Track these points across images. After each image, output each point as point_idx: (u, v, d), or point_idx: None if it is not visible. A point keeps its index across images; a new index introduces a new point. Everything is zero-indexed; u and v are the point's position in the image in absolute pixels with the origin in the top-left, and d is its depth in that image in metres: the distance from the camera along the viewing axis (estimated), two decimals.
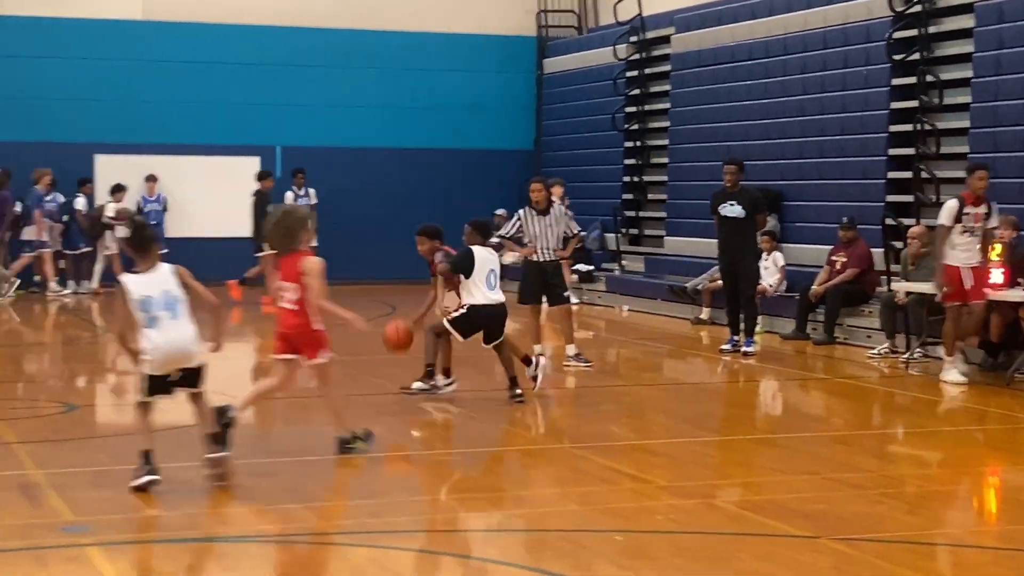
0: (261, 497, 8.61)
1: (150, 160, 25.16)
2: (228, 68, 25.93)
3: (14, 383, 14.10)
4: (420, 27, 26.90)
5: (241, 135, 25.97)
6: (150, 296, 8.54)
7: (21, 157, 24.28)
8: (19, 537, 7.57)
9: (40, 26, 24.87)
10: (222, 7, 25.84)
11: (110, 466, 9.49)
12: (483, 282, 11.84)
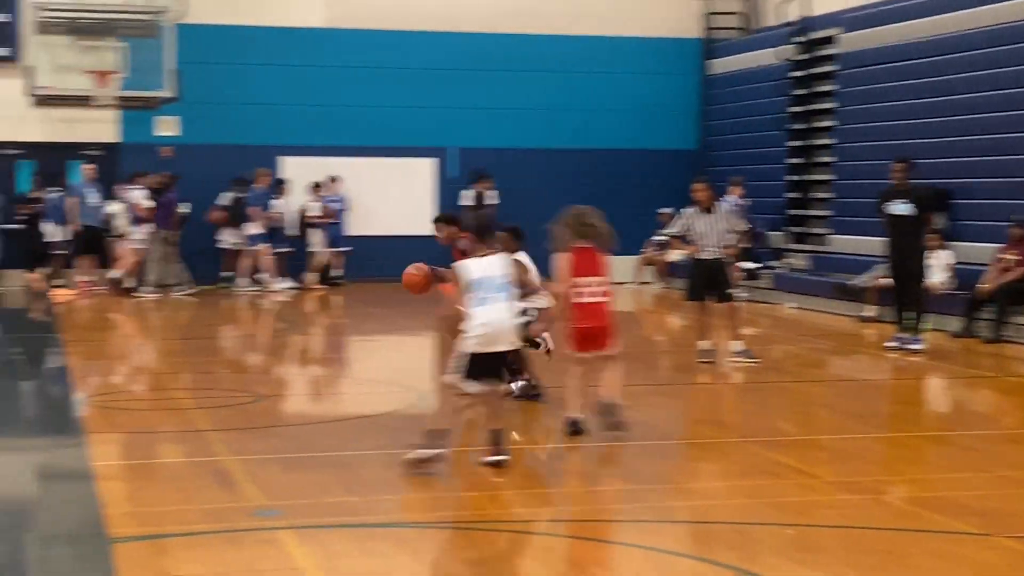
0: (441, 486, 8.75)
1: (331, 161, 25.65)
2: (405, 72, 26.25)
3: (209, 374, 14.49)
4: (588, 31, 26.94)
5: (417, 137, 26.30)
6: (485, 278, 8.95)
7: (209, 159, 25.04)
8: (214, 520, 7.79)
9: (229, 34, 25.48)
10: (400, 14, 26.15)
11: (297, 453, 9.71)
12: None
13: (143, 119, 25.13)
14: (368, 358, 16.77)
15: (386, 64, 26.14)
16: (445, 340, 9.83)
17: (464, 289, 8.98)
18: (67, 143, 25.18)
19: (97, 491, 8.50)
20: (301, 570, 6.80)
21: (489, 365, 8.95)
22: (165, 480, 9.06)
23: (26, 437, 10.83)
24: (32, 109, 24.38)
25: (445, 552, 7.36)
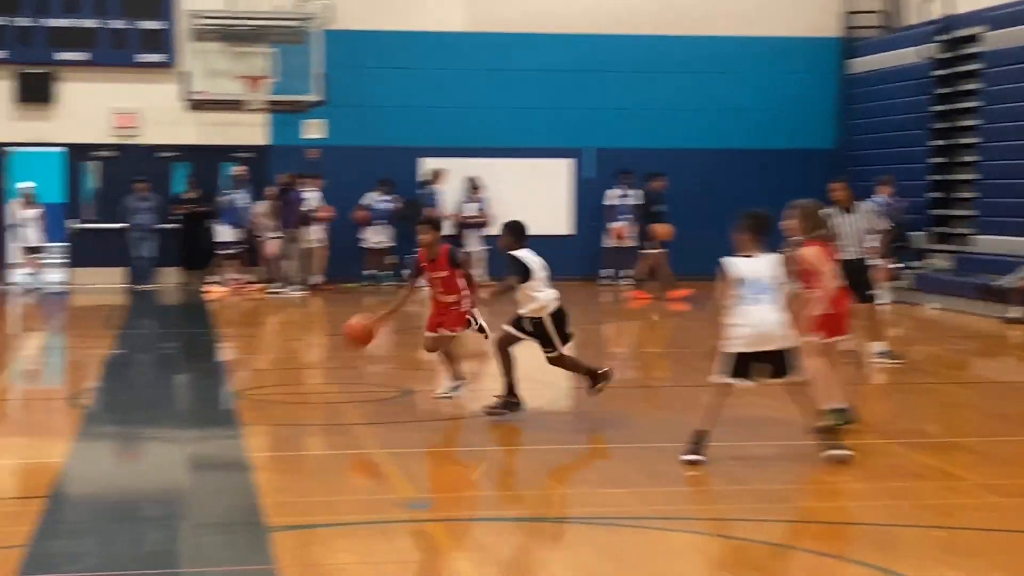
0: (588, 481, 8.78)
1: (471, 162, 25.82)
2: (543, 74, 26.31)
3: (355, 369, 14.67)
4: (726, 31, 26.71)
5: (555, 138, 26.35)
6: (757, 278, 9.02)
7: (353, 160, 25.40)
8: (366, 511, 7.90)
9: (373, 39, 25.77)
10: (538, 17, 26.22)
11: (445, 447, 9.82)
12: (544, 284, 10.82)
13: (291, 122, 25.55)
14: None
15: (524, 66, 26.23)
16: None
17: (731, 287, 8.99)
18: (219, 146, 25.72)
19: (253, 481, 8.68)
20: (451, 560, 6.87)
21: (765, 362, 8.97)
22: (317, 471, 9.20)
23: (184, 428, 11.07)
24: (187, 113, 24.92)
25: (587, 546, 7.36)
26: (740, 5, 26.83)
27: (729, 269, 9.05)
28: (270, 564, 6.76)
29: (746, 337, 8.88)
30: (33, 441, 10.31)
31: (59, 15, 24.71)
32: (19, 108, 24.88)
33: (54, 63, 24.80)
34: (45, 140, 25.19)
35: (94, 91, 24.96)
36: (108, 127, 25.22)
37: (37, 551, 7.01)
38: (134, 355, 16.01)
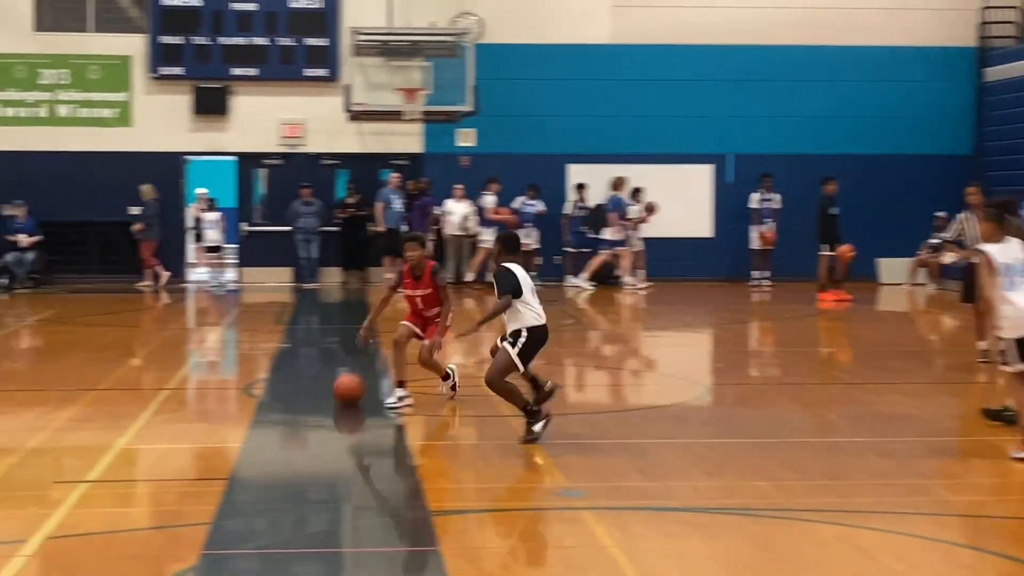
0: (734, 474, 8.68)
1: (615, 168, 25.75)
2: (685, 84, 26.15)
3: None
4: (863, 41, 26.28)
5: (696, 144, 26.18)
6: (1011, 263, 8.87)
7: (502, 167, 25.51)
8: (522, 499, 7.93)
9: (522, 52, 25.84)
10: (680, 30, 26.06)
11: (594, 439, 9.77)
12: (534, 300, 9.63)
13: (445, 131, 25.75)
14: (655, 352, 16.75)
15: (667, 76, 26.08)
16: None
17: (995, 275, 8.81)
18: (378, 154, 26.04)
19: (416, 467, 8.75)
20: (604, 548, 6.84)
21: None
22: (475, 460, 9.24)
23: (349, 418, 11.21)
24: (348, 123, 25.28)
25: (736, 537, 7.28)
26: (878, 16, 26.38)
27: (991, 257, 8.86)
28: (433, 546, 6.81)
29: (1015, 320, 8.73)
30: (212, 428, 10.53)
31: (233, 34, 25.23)
32: (196, 120, 25.46)
33: (228, 78, 25.33)
34: (219, 149, 25.75)
35: (264, 104, 25.44)
36: (276, 137, 25.68)
37: (218, 529, 7.15)
38: (301, 349, 16.27)
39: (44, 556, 6.65)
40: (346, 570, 6.74)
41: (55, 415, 10.68)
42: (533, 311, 9.51)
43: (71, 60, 25.20)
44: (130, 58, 25.29)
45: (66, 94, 25.23)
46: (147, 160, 25.21)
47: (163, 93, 25.34)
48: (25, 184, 24.56)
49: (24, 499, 8.02)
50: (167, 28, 25.10)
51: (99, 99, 25.30)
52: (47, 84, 25.17)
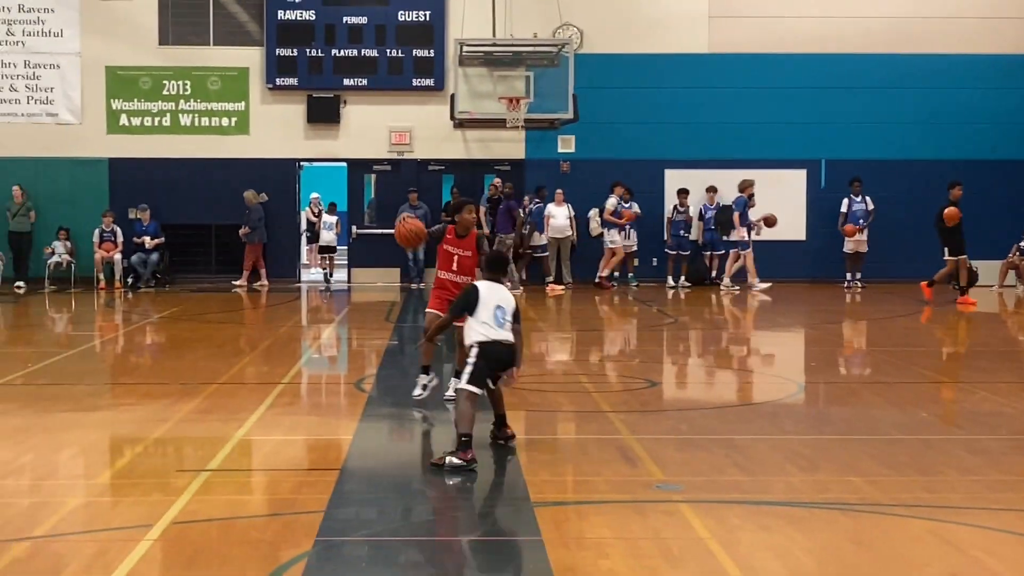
0: (827, 469, 8.56)
1: (709, 173, 25.63)
2: (779, 92, 25.93)
3: (605, 362, 14.68)
4: (953, 49, 25.88)
5: (789, 150, 25.94)
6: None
7: (600, 172, 25.49)
8: (620, 492, 7.86)
9: (621, 61, 25.80)
10: (774, 39, 25.85)
11: (690, 435, 9.70)
12: (491, 319, 8.84)
13: (546, 137, 25.77)
14: (751, 350, 16.58)
15: (761, 84, 25.89)
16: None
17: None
18: (481, 160, 26.14)
19: (518, 460, 8.74)
20: (702, 540, 6.77)
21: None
22: (574, 453, 9.21)
23: (452, 412, 11.23)
24: (453, 131, 25.41)
25: (830, 531, 7.17)
26: (968, 25, 25.93)
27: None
28: (537, 535, 6.79)
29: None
30: (325, 420, 10.62)
31: (345, 46, 25.47)
32: (310, 128, 25.75)
33: (340, 88, 25.59)
34: (331, 156, 26.02)
35: (373, 112, 25.67)
36: (385, 144, 25.90)
37: (330, 517, 7.21)
38: (408, 346, 16.35)
39: (168, 541, 6.75)
40: (451, 558, 6.75)
41: (177, 407, 10.85)
42: (485, 327, 8.79)
43: (193, 72, 25.62)
44: (248, 70, 25.65)
45: (188, 104, 25.66)
46: (263, 166, 25.57)
47: (278, 103, 25.67)
48: (149, 189, 25.05)
49: (149, 486, 8.15)
50: (282, 41, 25.42)
51: (218, 109, 25.69)
52: (170, 95, 25.62)
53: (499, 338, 8.78)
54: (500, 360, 8.82)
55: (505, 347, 8.80)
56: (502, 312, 8.84)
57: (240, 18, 25.75)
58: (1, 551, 6.53)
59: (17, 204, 24.90)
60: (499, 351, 8.79)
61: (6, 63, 25.44)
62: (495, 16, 24.29)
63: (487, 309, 8.81)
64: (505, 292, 8.99)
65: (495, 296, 8.89)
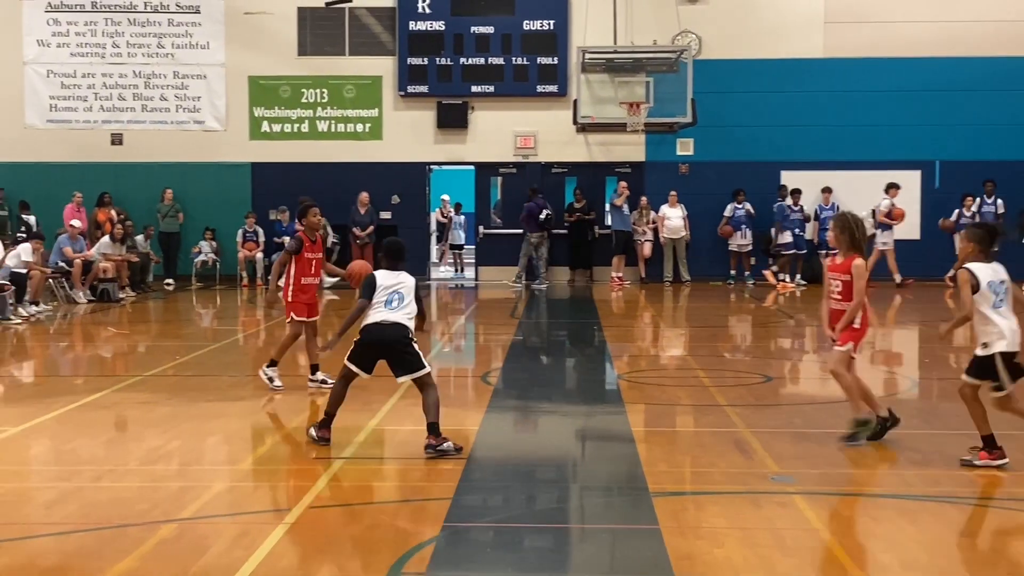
0: (936, 464, 8.38)
1: (825, 174, 25.26)
2: (893, 94, 25.45)
3: (721, 357, 14.55)
4: None
5: (904, 151, 25.44)
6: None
7: (716, 174, 25.31)
8: (736, 483, 7.80)
9: (738, 67, 25.55)
10: (888, 43, 25.37)
11: (805, 428, 9.58)
12: (385, 305, 8.77)
13: (665, 141, 25.64)
14: (865, 347, 16.26)
15: (876, 87, 25.44)
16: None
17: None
18: (603, 162, 26.11)
19: (634, 452, 8.73)
20: (815, 531, 6.70)
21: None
22: (692, 445, 9.15)
23: (574, 404, 11.28)
24: (576, 135, 25.42)
25: (941, 523, 7.03)
26: None
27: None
28: (654, 524, 6.78)
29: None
30: (452, 412, 10.66)
31: (472, 55, 25.64)
32: (439, 133, 25.97)
33: (468, 95, 25.76)
34: (460, 159, 26.21)
35: (499, 118, 25.79)
36: (511, 147, 26.00)
37: (458, 504, 7.27)
38: (531, 341, 16.41)
39: (304, 524, 6.88)
40: (573, 544, 6.77)
41: (314, 398, 11.04)
42: (374, 311, 8.73)
43: (329, 81, 26.02)
44: (381, 78, 25.96)
45: (324, 111, 26.06)
46: (395, 170, 25.85)
47: (410, 109, 25.93)
48: (288, 192, 25.47)
49: (287, 473, 8.31)
50: (413, 51, 25.68)
51: (353, 115, 26.04)
52: (308, 103, 26.05)
53: (384, 319, 8.70)
54: (382, 339, 8.69)
55: (388, 327, 8.68)
56: (399, 296, 8.79)
57: (374, 29, 26.07)
58: (150, 531, 6.72)
59: (167, 206, 25.55)
60: (380, 331, 8.68)
61: (157, 74, 26.12)
62: (616, 24, 24.24)
63: (383, 294, 8.77)
64: (404, 278, 8.90)
65: (391, 282, 8.83)
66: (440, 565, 6.17)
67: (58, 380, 13.13)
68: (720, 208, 25.26)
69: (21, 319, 18.06)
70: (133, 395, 11.35)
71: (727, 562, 6.13)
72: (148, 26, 26.10)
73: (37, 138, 26.15)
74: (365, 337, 8.76)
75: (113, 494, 7.59)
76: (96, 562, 6.17)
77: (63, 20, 26.12)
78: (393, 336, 8.67)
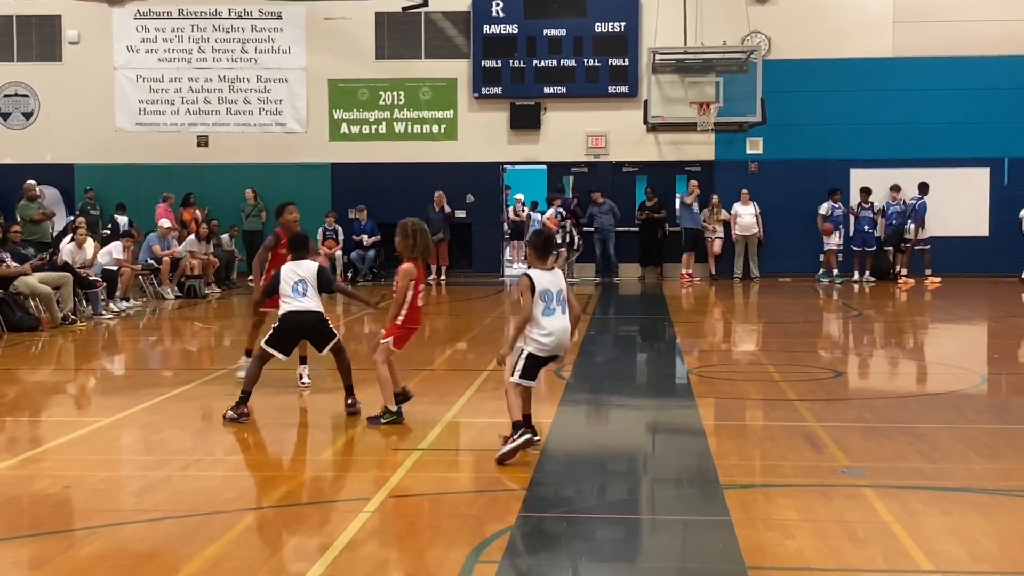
0: (1006, 458, 8.24)
1: (894, 172, 24.94)
2: (961, 92, 25.08)
3: (793, 352, 14.41)
4: None
5: (972, 149, 25.03)
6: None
7: (785, 172, 25.10)
8: (807, 476, 7.72)
9: (807, 67, 25.32)
10: (957, 42, 24.99)
11: (874, 423, 9.46)
12: (293, 294, 9.51)
13: (735, 140, 25.46)
14: (934, 342, 16.08)
15: (944, 85, 25.07)
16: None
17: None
18: (673, 161, 25.98)
19: (705, 445, 8.67)
20: (886, 523, 6.60)
21: None
22: (762, 439, 9.07)
23: (645, 398, 11.23)
24: (646, 134, 25.31)
25: (1012, 517, 6.90)
26: None
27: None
28: (726, 516, 6.73)
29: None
30: None
31: (544, 57, 25.64)
32: (513, 133, 26.00)
33: (540, 96, 25.77)
34: (533, 159, 26.22)
35: (571, 118, 25.76)
36: (583, 147, 25.97)
37: (532, 494, 7.27)
38: (603, 336, 16.37)
39: (384, 513, 6.92)
40: (645, 535, 6.74)
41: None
42: (285, 301, 9.48)
43: (406, 83, 26.15)
44: (456, 80, 26.04)
45: (401, 113, 26.20)
46: (470, 169, 25.93)
47: (484, 110, 25.98)
48: (366, 191, 25.67)
49: (368, 463, 8.37)
50: (487, 53, 25.73)
51: (429, 116, 26.15)
52: (385, 105, 26.20)
53: (298, 308, 9.46)
54: (302, 325, 9.52)
55: (303, 314, 9.47)
56: (304, 285, 9.47)
57: (449, 33, 26.15)
58: (236, 519, 6.80)
59: (250, 206, 25.83)
60: (299, 318, 9.46)
61: (240, 78, 26.42)
62: (686, 25, 24.09)
63: (287, 284, 9.48)
64: (307, 266, 9.55)
65: (295, 273, 9.52)
66: (515, 554, 6.17)
67: (147, 373, 13.34)
68: (789, 206, 25.02)
69: (112, 315, 18.36)
70: (219, 387, 11.48)
71: (798, 554, 6.07)
72: (232, 32, 26.41)
73: (127, 141, 26.58)
74: (285, 324, 9.47)
75: (201, 483, 7.69)
76: (184, 548, 6.26)
77: (151, 27, 26.51)
78: (312, 321, 9.55)
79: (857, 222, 24.79)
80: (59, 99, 26.64)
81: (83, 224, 19.91)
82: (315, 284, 9.56)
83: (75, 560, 6.05)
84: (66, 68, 26.65)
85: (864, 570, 5.86)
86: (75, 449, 8.79)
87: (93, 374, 13.23)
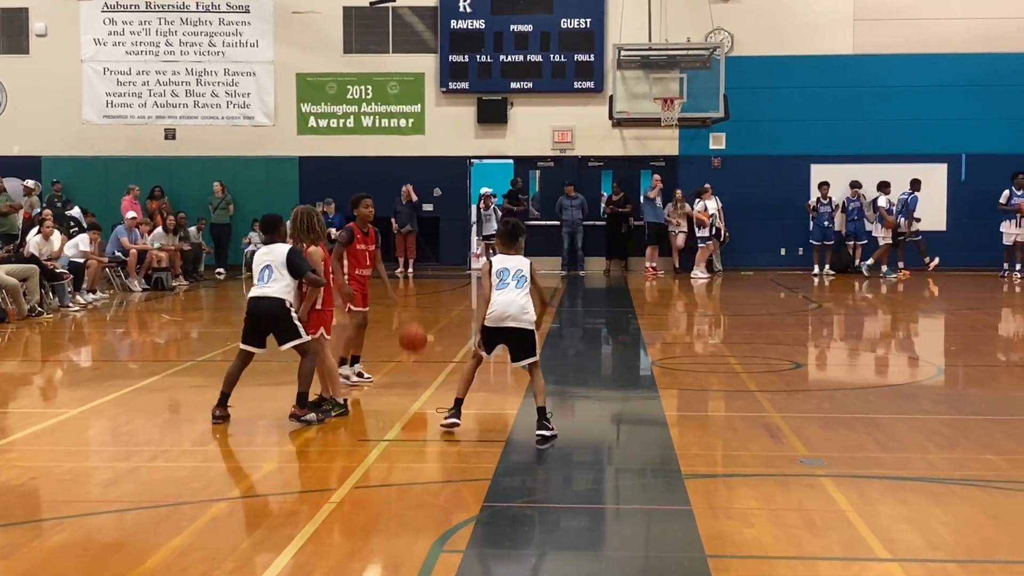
0: (962, 447, 8.32)
1: (854, 168, 25.09)
2: (920, 90, 25.26)
3: (752, 345, 14.48)
4: None
5: (930, 145, 25.22)
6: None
7: (747, 167, 25.19)
8: (767, 465, 7.78)
9: (769, 64, 25.42)
10: (917, 40, 25.16)
11: (833, 413, 9.53)
12: (258, 280, 9.24)
13: (698, 135, 25.54)
14: (893, 334, 16.19)
15: (904, 83, 25.24)
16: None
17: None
18: (638, 156, 26.04)
19: (670, 435, 8.72)
20: (843, 512, 6.66)
21: None
22: (723, 429, 9.14)
23: (610, 390, 11.27)
24: (611, 130, 25.35)
25: (967, 506, 6.98)
26: None
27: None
28: (687, 505, 6.77)
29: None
30: (492, 396, 10.73)
31: (511, 53, 25.64)
32: (480, 128, 25.99)
33: (507, 91, 25.76)
34: (499, 153, 26.22)
35: (537, 113, 25.78)
36: (549, 142, 25.98)
37: (497, 484, 7.29)
38: (568, 328, 16.40)
39: (350, 503, 6.92)
40: (608, 524, 6.78)
41: (360, 382, 11.07)
42: (253, 289, 9.24)
43: (373, 78, 26.08)
44: (423, 75, 26.00)
45: (369, 107, 26.14)
46: (437, 163, 25.89)
47: (451, 105, 25.95)
48: (334, 184, 25.58)
49: (334, 454, 8.36)
50: (455, 48, 25.70)
51: (397, 111, 26.10)
52: (353, 99, 26.13)
53: (258, 294, 9.13)
54: (260, 312, 9.13)
55: (261, 300, 9.11)
56: (269, 271, 9.13)
57: (416, 28, 26.10)
58: (203, 509, 6.78)
59: (218, 198, 25.70)
60: (258, 304, 9.13)
61: (208, 71, 26.27)
62: (651, 22, 24.12)
63: (256, 269, 9.25)
64: (277, 251, 9.19)
65: (263, 259, 9.22)
66: (479, 543, 6.19)
67: (114, 365, 13.26)
68: (751, 200, 25.13)
69: (79, 306, 18.23)
70: (186, 379, 11.44)
71: (756, 542, 6.12)
72: (200, 25, 26.25)
73: (94, 133, 26.38)
74: (247, 312, 9.22)
75: (168, 473, 7.67)
76: (152, 538, 6.23)
77: (119, 20, 26.32)
78: (268, 308, 9.07)
79: (817, 217, 24.94)
80: (26, 92, 26.41)
81: (49, 216, 19.75)
82: (284, 270, 9.08)
83: (42, 550, 6.02)
84: (33, 61, 26.42)
85: (822, 558, 5.91)
86: (42, 440, 8.73)
87: (60, 366, 13.14)
